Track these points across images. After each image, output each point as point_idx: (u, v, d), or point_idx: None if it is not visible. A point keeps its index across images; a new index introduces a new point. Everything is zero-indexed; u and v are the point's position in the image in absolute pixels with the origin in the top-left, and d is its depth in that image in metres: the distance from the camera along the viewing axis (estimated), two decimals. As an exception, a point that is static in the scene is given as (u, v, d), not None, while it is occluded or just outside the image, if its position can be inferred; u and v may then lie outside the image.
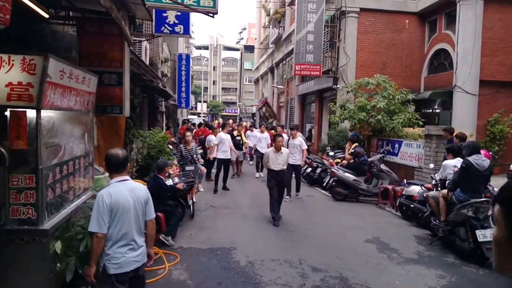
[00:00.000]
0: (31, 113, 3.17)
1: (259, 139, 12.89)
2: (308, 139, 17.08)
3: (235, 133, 12.39)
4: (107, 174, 5.40)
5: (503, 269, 0.85)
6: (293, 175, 9.46)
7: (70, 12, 5.40)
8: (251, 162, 15.59)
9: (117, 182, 2.90)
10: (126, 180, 2.96)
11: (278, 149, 7.29)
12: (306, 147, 9.85)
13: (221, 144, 9.99)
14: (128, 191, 2.91)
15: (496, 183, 7.82)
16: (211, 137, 11.07)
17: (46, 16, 4.60)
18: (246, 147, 12.83)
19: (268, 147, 12.05)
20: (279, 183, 7.16)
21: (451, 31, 13.53)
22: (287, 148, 9.00)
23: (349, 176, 9.56)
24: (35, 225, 3.24)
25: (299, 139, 9.69)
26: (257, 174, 12.63)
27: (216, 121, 24.50)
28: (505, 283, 3.45)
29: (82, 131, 4.46)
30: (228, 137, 10.36)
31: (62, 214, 3.70)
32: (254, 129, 15.64)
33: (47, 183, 3.37)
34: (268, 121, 23.46)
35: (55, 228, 3.47)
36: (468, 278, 4.85)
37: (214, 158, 10.21)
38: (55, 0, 5.10)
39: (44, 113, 3.28)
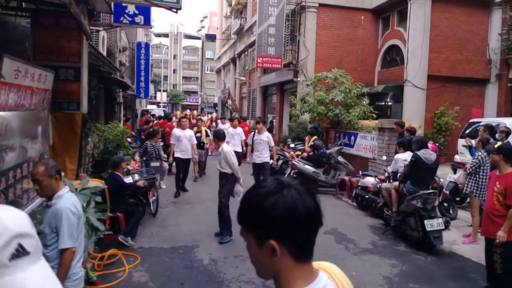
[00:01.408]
0: (-18, 116, 3.02)
1: (231, 135, 11.09)
2: (269, 130, 17.31)
3: (195, 129, 10.63)
4: (62, 174, 5.23)
5: None
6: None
7: (23, 3, 5.09)
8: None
9: (67, 192, 2.68)
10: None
11: (218, 149, 6.18)
12: (273, 144, 8.74)
13: (178, 143, 8.79)
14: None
15: (442, 172, 8.45)
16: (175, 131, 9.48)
17: (-4, 8, 4.34)
18: (210, 144, 11.26)
19: (241, 145, 10.98)
20: (220, 187, 6.12)
21: (403, 28, 14.21)
22: (252, 144, 8.44)
23: (308, 168, 9.86)
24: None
25: (267, 134, 8.51)
26: None
27: (178, 113, 23.77)
28: (449, 269, 3.78)
29: (37, 130, 4.29)
30: (185, 133, 8.95)
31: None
32: (225, 121, 14.44)
33: None
34: (231, 114, 23.54)
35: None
36: (417, 266, 5.21)
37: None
38: (4, -11, 4.79)
39: (-3, 115, 3.14)
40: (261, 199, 0.96)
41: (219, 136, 6.15)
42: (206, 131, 11.17)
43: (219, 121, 16.07)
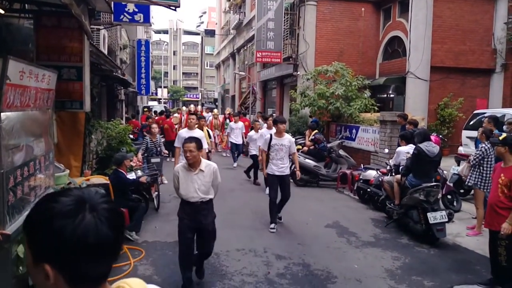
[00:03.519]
0: (-11, 116, 3.07)
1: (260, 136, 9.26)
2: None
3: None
4: (67, 171, 5.31)
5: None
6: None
7: (26, 5, 5.15)
8: (235, 165, 12.48)
9: None
10: None
11: (194, 165, 4.00)
12: (295, 150, 6.74)
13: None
14: None
15: (446, 164, 8.42)
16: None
17: (2, 12, 4.38)
18: (212, 147, 9.54)
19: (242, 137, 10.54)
20: (195, 226, 4.06)
21: (405, 19, 14.12)
22: (270, 150, 6.41)
23: (309, 162, 9.89)
24: (-3, 230, 3.17)
25: (288, 138, 6.50)
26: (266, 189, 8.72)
27: (184, 108, 21.12)
28: (452, 262, 3.79)
29: (42, 129, 4.34)
30: (193, 134, 6.45)
31: (24, 216, 3.62)
32: (238, 119, 12.88)
33: (8, 186, 3.29)
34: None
35: (18, 232, 3.41)
36: (420, 259, 5.22)
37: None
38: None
39: (4, 115, 3.19)
40: (49, 218, 0.82)
41: (200, 145, 4.13)
42: (208, 131, 9.38)
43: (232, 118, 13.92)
